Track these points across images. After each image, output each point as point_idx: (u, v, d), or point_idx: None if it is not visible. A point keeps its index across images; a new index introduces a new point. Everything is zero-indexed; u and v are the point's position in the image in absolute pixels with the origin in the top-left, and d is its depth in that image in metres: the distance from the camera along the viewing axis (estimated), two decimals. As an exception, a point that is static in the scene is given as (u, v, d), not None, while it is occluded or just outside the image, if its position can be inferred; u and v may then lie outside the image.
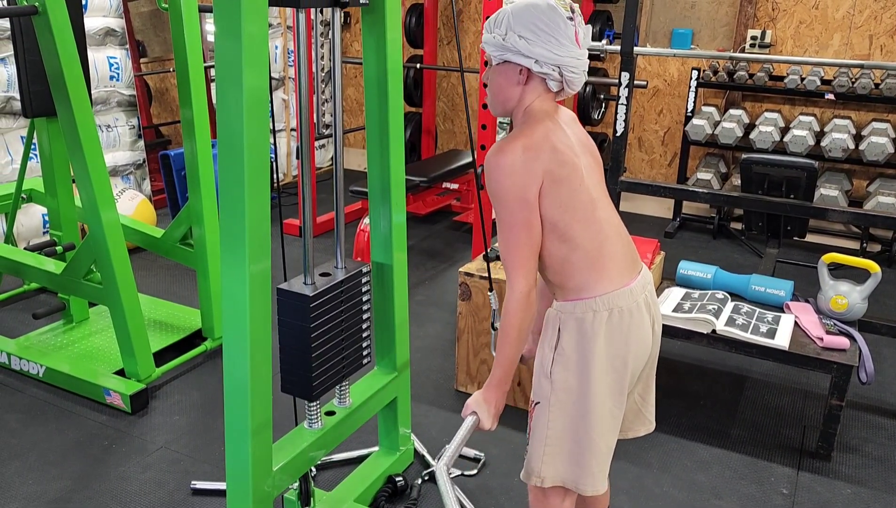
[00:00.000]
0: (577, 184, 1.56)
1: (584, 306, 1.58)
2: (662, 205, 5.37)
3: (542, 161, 1.52)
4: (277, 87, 5.81)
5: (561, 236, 1.56)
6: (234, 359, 1.75)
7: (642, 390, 1.77)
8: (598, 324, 1.57)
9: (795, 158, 3.73)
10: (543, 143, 1.54)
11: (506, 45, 1.54)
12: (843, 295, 2.75)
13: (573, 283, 1.59)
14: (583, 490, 1.64)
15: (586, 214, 1.57)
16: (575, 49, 1.54)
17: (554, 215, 1.55)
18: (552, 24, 1.52)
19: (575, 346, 1.59)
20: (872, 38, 4.73)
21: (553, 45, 1.52)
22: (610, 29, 5.19)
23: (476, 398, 1.67)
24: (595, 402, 1.59)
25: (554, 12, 1.53)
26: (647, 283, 1.66)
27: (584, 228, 1.57)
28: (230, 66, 1.58)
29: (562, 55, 1.53)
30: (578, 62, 1.55)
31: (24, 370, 3.02)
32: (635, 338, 1.61)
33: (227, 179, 1.66)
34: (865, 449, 2.70)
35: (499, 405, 1.67)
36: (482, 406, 1.65)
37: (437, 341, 3.42)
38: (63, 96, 2.54)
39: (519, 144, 1.53)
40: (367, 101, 2.11)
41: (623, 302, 1.59)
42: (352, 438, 2.29)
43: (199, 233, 3.07)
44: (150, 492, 2.39)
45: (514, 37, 1.53)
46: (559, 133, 1.58)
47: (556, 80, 1.56)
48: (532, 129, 1.56)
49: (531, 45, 1.52)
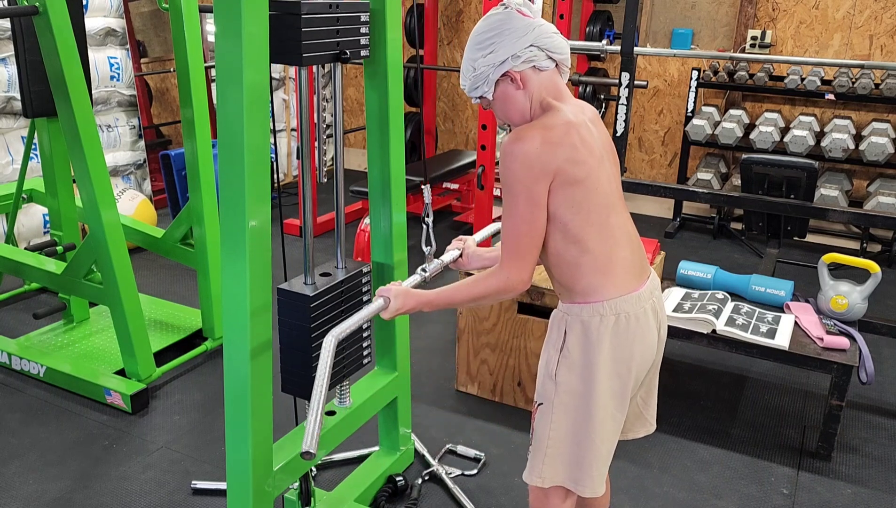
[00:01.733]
0: (593, 187, 1.54)
1: (591, 310, 1.57)
2: (662, 205, 5.37)
3: (558, 158, 1.50)
4: (278, 87, 5.81)
5: (572, 238, 1.55)
6: (234, 359, 1.75)
7: (645, 394, 1.77)
8: (605, 329, 1.57)
9: (795, 158, 3.73)
10: (564, 139, 1.52)
11: (481, 73, 1.56)
12: (843, 295, 2.75)
13: (581, 286, 1.58)
14: (581, 492, 1.64)
15: (600, 218, 1.56)
16: (528, 21, 1.55)
17: (565, 216, 1.53)
18: (495, 26, 1.55)
19: (580, 349, 1.59)
20: (872, 38, 4.73)
21: (509, 35, 1.53)
22: (610, 29, 5.19)
23: (398, 290, 1.67)
24: (598, 406, 1.59)
25: (489, 18, 1.57)
26: (654, 288, 1.66)
27: (597, 232, 1.56)
28: (231, 65, 1.59)
29: (523, 35, 1.53)
30: (542, 28, 1.55)
31: (25, 369, 3.02)
32: (640, 344, 1.61)
33: (228, 179, 1.66)
34: (866, 449, 2.70)
35: (409, 310, 1.68)
36: (398, 300, 1.65)
37: (437, 341, 3.42)
38: (63, 96, 2.54)
39: (538, 135, 1.51)
40: (367, 100, 2.12)
41: (630, 308, 1.58)
42: (352, 438, 2.29)
43: (200, 233, 3.07)
44: (150, 492, 2.39)
45: (480, 62, 1.56)
46: (582, 130, 1.56)
47: (542, 56, 1.56)
48: (553, 120, 1.54)
49: (496, 53, 1.54)
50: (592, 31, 5.11)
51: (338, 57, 1.84)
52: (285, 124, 5.89)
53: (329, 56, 1.82)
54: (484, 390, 2.95)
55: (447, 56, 5.96)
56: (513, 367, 2.85)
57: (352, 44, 1.88)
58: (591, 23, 5.14)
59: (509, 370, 2.87)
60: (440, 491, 2.42)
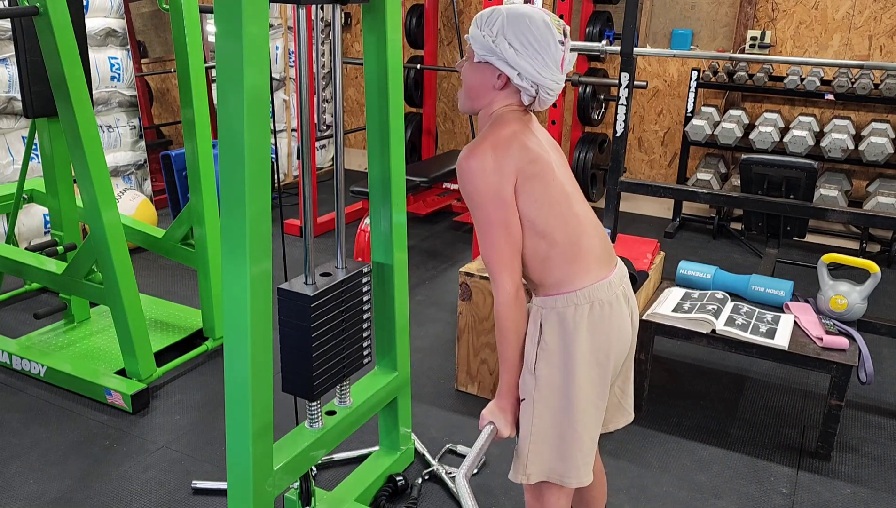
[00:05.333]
0: (550, 179, 1.57)
1: (566, 300, 1.59)
2: (662, 205, 5.37)
3: (513, 159, 1.53)
4: (278, 87, 5.81)
5: (539, 233, 1.57)
6: (234, 359, 1.75)
7: (622, 382, 1.78)
8: (580, 317, 1.58)
9: (795, 158, 3.73)
10: (512, 140, 1.54)
11: (493, 48, 1.53)
12: (842, 295, 2.75)
13: (553, 278, 1.60)
14: (568, 483, 1.65)
15: (562, 208, 1.58)
16: (557, 73, 1.55)
17: (531, 213, 1.55)
18: (543, 43, 1.52)
19: (557, 341, 1.60)
20: (872, 38, 4.73)
21: (539, 63, 1.52)
22: (610, 29, 5.20)
23: (491, 407, 1.68)
24: (579, 396, 1.60)
25: (548, 31, 1.52)
26: (623, 275, 1.68)
27: (562, 223, 1.58)
28: (231, 66, 1.59)
29: (544, 76, 1.53)
30: (557, 86, 1.56)
31: (26, 369, 3.02)
32: (617, 330, 1.63)
33: (228, 180, 1.66)
34: (865, 449, 2.70)
35: (514, 410, 1.67)
36: (497, 416, 1.66)
37: (437, 341, 3.43)
38: (64, 97, 2.55)
39: (488, 144, 1.53)
40: (367, 101, 2.12)
41: (603, 295, 1.60)
42: (352, 437, 2.29)
43: (200, 233, 3.07)
44: (150, 492, 2.39)
45: (503, 43, 1.52)
46: (526, 132, 1.58)
47: (531, 95, 1.57)
48: (499, 130, 1.57)
49: (518, 57, 1.52)
50: (592, 32, 5.11)
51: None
52: (285, 124, 5.90)
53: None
54: (484, 390, 2.95)
55: (447, 56, 5.96)
56: (513, 367, 2.85)
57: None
58: (590, 23, 5.14)
59: (509, 370, 2.86)
60: (440, 491, 2.42)
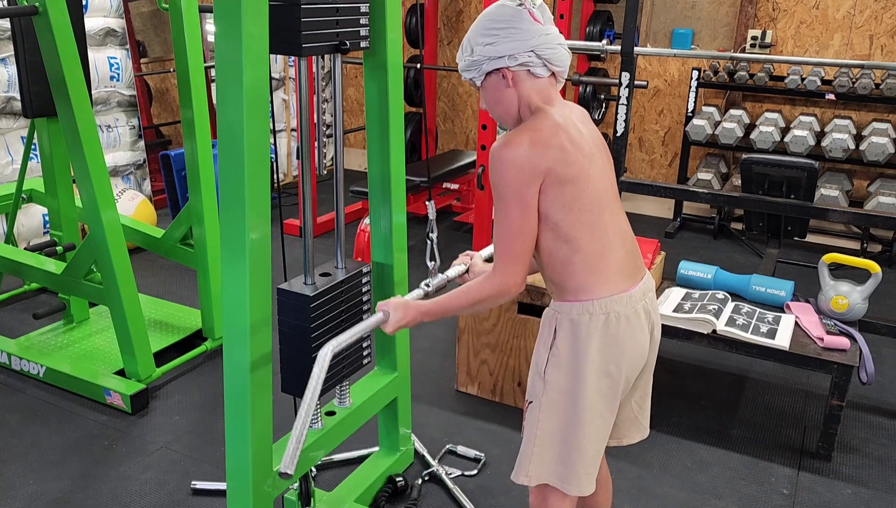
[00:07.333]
0: (584, 186, 1.54)
1: (581, 308, 1.57)
2: (663, 205, 5.37)
3: (547, 159, 1.50)
4: (278, 87, 5.81)
5: (563, 237, 1.55)
6: (234, 359, 1.75)
7: (640, 398, 1.76)
8: (594, 327, 1.57)
9: (796, 158, 3.73)
10: (552, 140, 1.52)
11: (476, 60, 1.57)
12: (843, 295, 2.75)
13: (572, 284, 1.58)
14: (567, 490, 1.63)
15: (591, 216, 1.56)
16: (537, 26, 1.55)
17: (556, 215, 1.53)
18: (504, 18, 1.55)
19: (569, 348, 1.59)
20: (873, 38, 4.73)
21: (514, 34, 1.53)
22: (610, 29, 5.19)
23: (397, 303, 1.66)
24: (586, 405, 1.59)
25: (502, 8, 1.56)
26: (648, 290, 1.65)
27: (588, 231, 1.55)
28: (230, 66, 1.58)
29: (528, 39, 1.53)
30: (548, 37, 1.55)
31: (25, 370, 3.02)
32: (631, 344, 1.60)
33: (228, 180, 1.66)
34: (866, 449, 2.70)
35: (409, 323, 1.66)
36: (398, 313, 1.64)
37: (437, 341, 3.42)
38: (63, 96, 2.54)
39: (526, 139, 1.52)
40: (367, 101, 2.11)
41: (621, 307, 1.58)
42: (352, 438, 2.29)
43: (200, 233, 3.07)
44: (150, 492, 2.39)
45: (479, 48, 1.56)
46: (571, 130, 1.56)
47: (539, 64, 1.56)
48: (540, 123, 1.55)
49: (497, 46, 1.54)
50: (592, 31, 5.10)
51: (337, 48, 1.83)
52: (285, 124, 5.89)
53: (329, 47, 1.80)
54: (484, 390, 2.95)
55: (447, 56, 5.95)
56: (513, 367, 2.85)
57: (351, 35, 1.87)
58: (591, 23, 5.13)
59: (509, 371, 2.87)
60: (440, 492, 2.42)
